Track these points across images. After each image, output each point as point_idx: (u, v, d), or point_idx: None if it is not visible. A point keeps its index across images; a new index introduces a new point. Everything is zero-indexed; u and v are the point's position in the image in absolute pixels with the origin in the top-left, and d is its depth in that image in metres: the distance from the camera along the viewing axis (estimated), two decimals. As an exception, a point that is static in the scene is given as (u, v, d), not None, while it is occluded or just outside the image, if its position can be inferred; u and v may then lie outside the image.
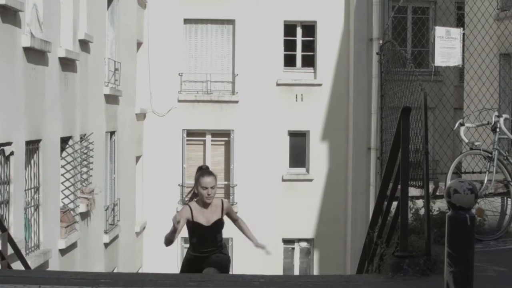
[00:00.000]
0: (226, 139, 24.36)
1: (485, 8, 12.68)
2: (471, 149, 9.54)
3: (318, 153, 24.37)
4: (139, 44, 23.30)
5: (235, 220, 8.66)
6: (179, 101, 24.25)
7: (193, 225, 8.26)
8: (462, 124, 9.58)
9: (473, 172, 10.31)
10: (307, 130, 24.38)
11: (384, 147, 10.52)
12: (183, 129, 24.34)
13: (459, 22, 16.12)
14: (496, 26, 13.84)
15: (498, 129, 9.41)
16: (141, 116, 23.63)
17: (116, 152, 20.05)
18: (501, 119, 9.45)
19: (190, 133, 24.48)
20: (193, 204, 8.38)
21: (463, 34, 11.36)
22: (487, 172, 9.28)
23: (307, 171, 24.60)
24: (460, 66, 11.16)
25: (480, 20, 12.62)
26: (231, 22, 24.40)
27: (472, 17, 12.97)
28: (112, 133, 19.80)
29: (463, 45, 11.42)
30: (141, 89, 23.52)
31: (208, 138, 24.55)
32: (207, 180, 8.38)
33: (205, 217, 8.28)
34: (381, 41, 11.35)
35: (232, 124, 24.26)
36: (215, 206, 8.37)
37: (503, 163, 9.41)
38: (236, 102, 24.05)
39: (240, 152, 24.19)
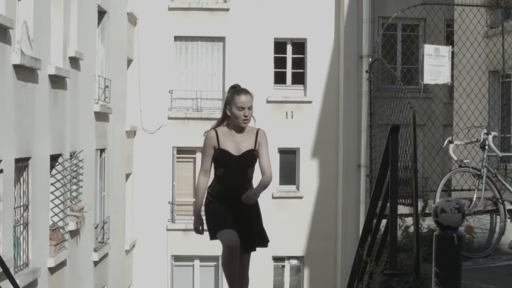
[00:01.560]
0: (217, 156, 24.31)
1: (473, 26, 12.75)
2: (460, 166, 9.57)
3: (308, 170, 24.37)
4: (129, 61, 23.31)
5: (260, 166, 6.98)
6: (169, 118, 24.25)
7: (219, 153, 6.87)
8: (451, 142, 9.60)
9: (462, 190, 10.34)
10: (297, 147, 24.40)
11: (373, 165, 10.54)
12: (173, 147, 24.33)
13: (448, 39, 16.20)
14: (485, 44, 13.91)
15: (487, 147, 9.45)
16: (131, 133, 23.61)
17: (106, 170, 20.01)
18: (490, 137, 9.49)
19: (180, 151, 24.46)
20: (221, 129, 6.94)
21: (452, 52, 11.42)
22: (476, 190, 9.30)
23: (297, 188, 24.60)
24: (449, 84, 11.21)
25: (469, 38, 12.70)
26: (221, 39, 24.44)
27: (461, 35, 13.05)
28: (102, 151, 19.76)
29: (452, 63, 11.48)
30: (131, 106, 23.52)
31: (199, 155, 24.51)
32: (243, 99, 6.91)
33: (234, 144, 6.89)
34: (370, 59, 11.39)
35: (223, 141, 24.21)
36: (249, 133, 6.95)
37: (492, 181, 9.44)
38: (227, 119, 24.05)
39: (231, 169, 24.14)
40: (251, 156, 6.90)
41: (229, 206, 6.87)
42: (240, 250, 6.89)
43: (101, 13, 19.41)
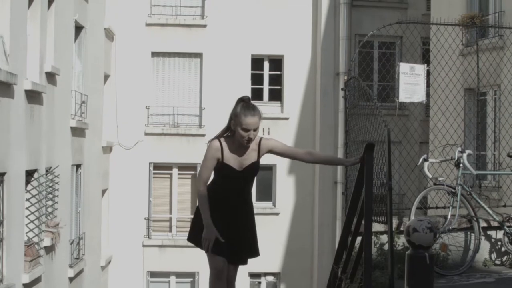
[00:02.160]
0: (193, 172, 24.30)
1: (449, 44, 12.84)
2: (434, 184, 9.62)
3: (285, 187, 24.39)
4: (106, 77, 23.26)
5: (294, 154, 6.94)
6: (146, 134, 24.21)
7: (222, 167, 6.63)
8: (426, 160, 9.65)
9: (437, 207, 10.39)
10: (274, 164, 24.39)
11: (349, 183, 10.57)
12: (149, 162, 24.27)
13: (425, 57, 16.31)
14: (460, 62, 14.01)
15: (461, 165, 9.51)
16: (108, 149, 23.53)
17: (81, 185, 19.92)
18: (464, 155, 9.55)
19: (157, 167, 24.41)
20: (225, 141, 6.71)
21: (428, 70, 11.49)
22: (450, 207, 9.35)
23: (274, 205, 24.60)
24: (424, 103, 11.27)
25: (444, 56, 12.78)
26: (198, 55, 24.47)
27: (437, 53, 13.12)
28: (78, 166, 19.69)
29: (428, 81, 11.55)
30: (108, 122, 23.45)
31: (175, 171, 24.49)
32: (250, 121, 6.70)
33: (237, 159, 6.66)
34: (345, 77, 11.45)
35: (199, 158, 24.15)
36: (252, 145, 6.74)
37: (466, 199, 9.50)
38: (203, 135, 24.02)
39: (207, 186, 24.11)
40: (253, 170, 6.72)
41: (226, 218, 6.81)
42: (231, 263, 7.01)
43: (78, 28, 19.38)
